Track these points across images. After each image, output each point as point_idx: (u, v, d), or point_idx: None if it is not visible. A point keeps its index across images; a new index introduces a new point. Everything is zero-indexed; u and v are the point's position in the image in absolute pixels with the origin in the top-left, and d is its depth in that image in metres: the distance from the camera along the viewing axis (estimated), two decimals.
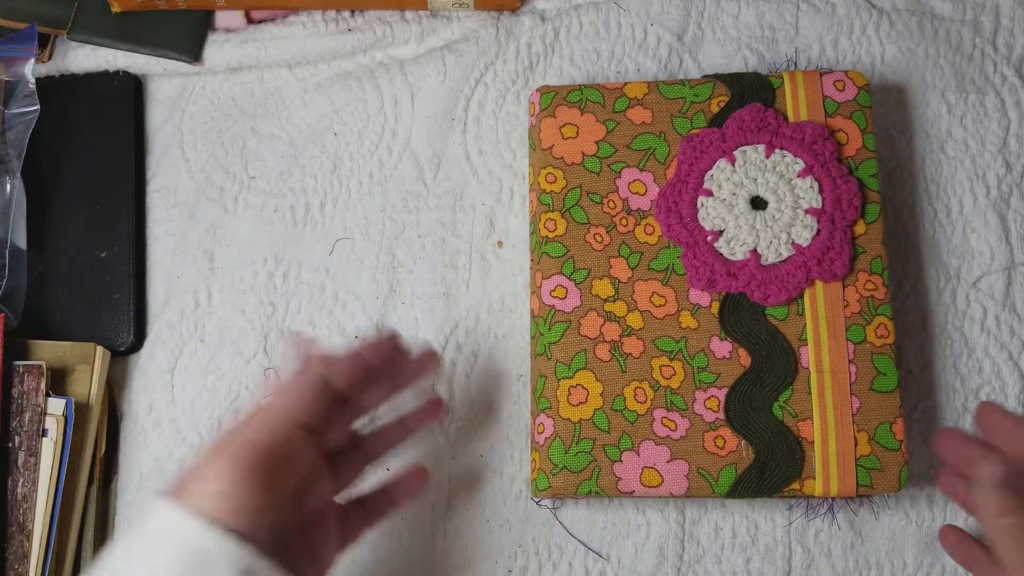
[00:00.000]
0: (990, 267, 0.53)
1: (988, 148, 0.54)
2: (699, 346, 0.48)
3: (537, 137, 0.52)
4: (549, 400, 0.48)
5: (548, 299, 0.49)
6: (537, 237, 0.51)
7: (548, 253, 0.50)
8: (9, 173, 0.54)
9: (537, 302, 0.50)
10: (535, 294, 0.50)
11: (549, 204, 0.51)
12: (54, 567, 0.49)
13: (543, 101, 0.52)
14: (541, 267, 0.50)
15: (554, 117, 0.52)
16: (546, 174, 0.51)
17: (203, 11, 0.59)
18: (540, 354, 0.49)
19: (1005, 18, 0.56)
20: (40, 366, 0.50)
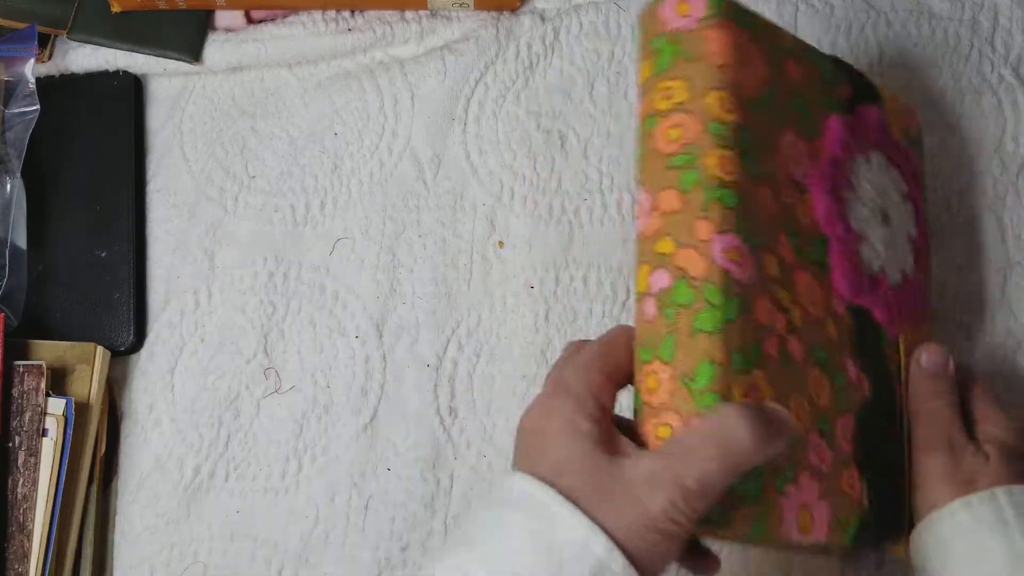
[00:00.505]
0: (987, 267, 0.53)
1: (985, 148, 0.54)
2: (838, 362, 0.40)
3: (703, 47, 0.39)
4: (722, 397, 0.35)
5: (723, 260, 0.36)
6: (701, 176, 0.37)
7: (722, 201, 0.37)
8: (9, 173, 0.54)
9: (703, 262, 0.36)
10: (695, 250, 0.36)
11: (724, 137, 0.38)
12: (54, 567, 0.49)
13: (713, 4, 0.39)
14: (712, 216, 0.36)
15: (727, 31, 0.39)
16: (721, 98, 0.38)
17: (203, 11, 0.59)
18: (707, 332, 0.35)
19: (1003, 18, 0.56)
20: (40, 366, 0.50)
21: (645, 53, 0.40)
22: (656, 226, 0.37)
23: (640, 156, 0.39)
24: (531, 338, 0.53)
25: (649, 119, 0.39)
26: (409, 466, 0.52)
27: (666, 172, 0.38)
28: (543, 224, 0.54)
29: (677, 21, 0.39)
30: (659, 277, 0.37)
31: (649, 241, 0.38)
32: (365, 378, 0.53)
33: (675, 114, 0.38)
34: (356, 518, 0.51)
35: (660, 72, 0.39)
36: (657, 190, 0.38)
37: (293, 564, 0.51)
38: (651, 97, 0.39)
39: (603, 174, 0.55)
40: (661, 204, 0.38)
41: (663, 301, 0.36)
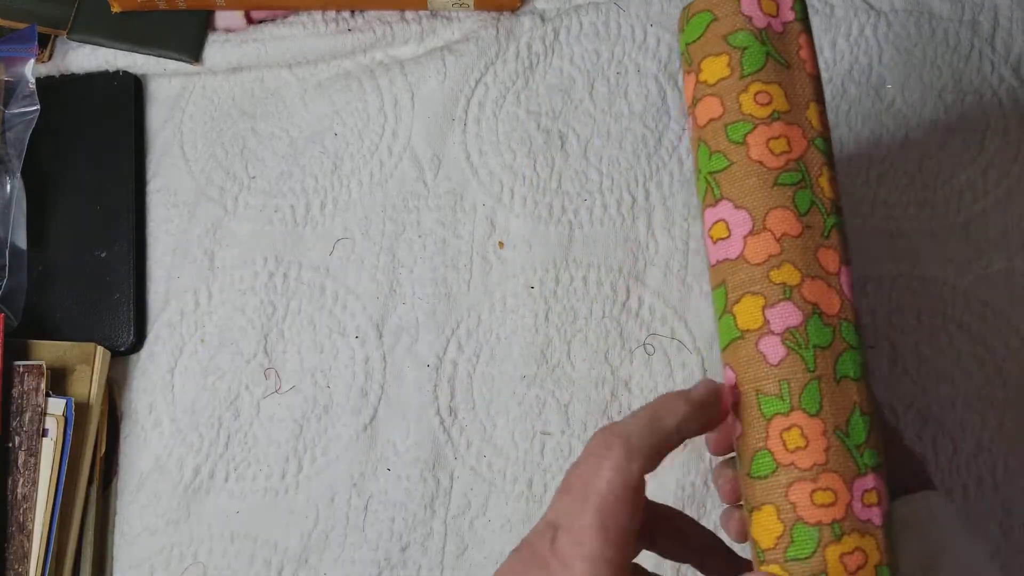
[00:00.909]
0: (987, 268, 0.53)
1: (985, 149, 0.54)
2: None
3: (794, 54, 0.36)
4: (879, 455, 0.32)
5: (850, 294, 0.33)
6: (816, 197, 0.34)
7: (839, 228, 0.34)
8: (9, 173, 0.54)
9: (835, 298, 0.33)
10: (826, 283, 0.33)
11: (828, 155, 0.35)
12: (54, 567, 0.49)
13: (799, 8, 0.36)
14: (834, 245, 0.34)
15: (810, 38, 0.37)
16: (820, 112, 0.35)
17: (203, 11, 0.59)
18: (852, 378, 0.32)
19: (1003, 18, 0.56)
20: (40, 366, 0.50)
21: (721, 47, 0.35)
22: (771, 250, 0.33)
23: (719, 167, 0.34)
24: (531, 338, 0.53)
25: (738, 125, 0.34)
26: (409, 466, 0.52)
27: (773, 189, 0.33)
28: (543, 224, 0.55)
29: (762, 19, 0.35)
30: (785, 312, 0.32)
31: (758, 268, 0.33)
32: (365, 378, 0.53)
33: (776, 124, 0.34)
34: (356, 518, 0.51)
35: (751, 73, 0.34)
36: (764, 209, 0.33)
37: (293, 564, 0.51)
38: (738, 100, 0.34)
39: (603, 174, 0.55)
40: (772, 226, 0.33)
41: (796, 341, 0.32)
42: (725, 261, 0.34)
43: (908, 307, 0.53)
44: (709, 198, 0.34)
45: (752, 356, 0.32)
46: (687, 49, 0.36)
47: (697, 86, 0.36)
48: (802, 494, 0.31)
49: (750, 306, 0.33)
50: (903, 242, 0.53)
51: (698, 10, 0.36)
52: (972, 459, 0.51)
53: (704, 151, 0.35)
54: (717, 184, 0.34)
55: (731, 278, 0.33)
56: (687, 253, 0.54)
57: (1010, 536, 0.50)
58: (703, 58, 0.36)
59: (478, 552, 0.51)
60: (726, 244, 0.34)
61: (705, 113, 0.35)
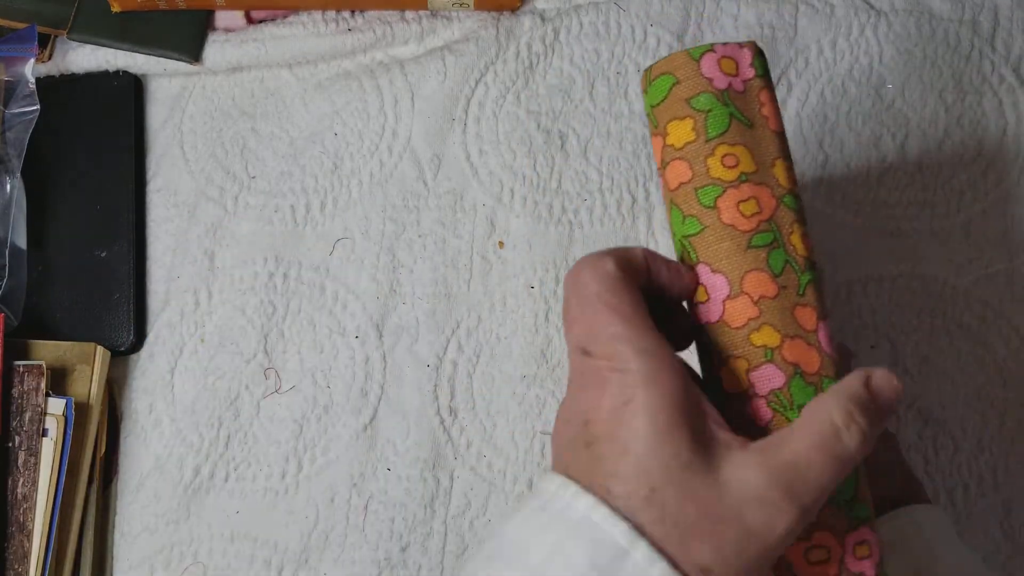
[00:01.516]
0: (987, 267, 0.53)
1: (985, 149, 0.54)
2: None
3: (756, 112, 0.36)
4: (870, 507, 0.33)
5: (831, 350, 0.34)
6: (790, 255, 0.34)
7: (814, 284, 0.35)
8: (9, 173, 0.54)
9: (816, 355, 0.34)
10: (804, 341, 0.34)
11: (798, 211, 0.35)
12: (54, 567, 0.49)
13: (758, 64, 0.37)
14: (810, 302, 0.34)
15: (772, 93, 0.37)
16: (787, 168, 0.36)
17: (203, 11, 0.59)
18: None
19: (1003, 18, 0.56)
20: (40, 366, 0.50)
21: (684, 110, 0.36)
22: (749, 314, 0.33)
23: (693, 231, 0.35)
24: (531, 338, 0.53)
25: (707, 189, 0.34)
26: (409, 466, 0.52)
27: (747, 252, 0.34)
28: (543, 224, 0.55)
29: (723, 80, 0.36)
30: (767, 374, 0.33)
31: (739, 332, 0.33)
32: (365, 378, 0.53)
33: (745, 185, 0.34)
34: (356, 518, 0.51)
35: (716, 136, 0.35)
36: (740, 272, 0.34)
37: (293, 564, 0.51)
38: (706, 164, 0.35)
39: (603, 174, 0.55)
40: (749, 289, 0.33)
41: (780, 403, 0.33)
42: (708, 324, 0.34)
43: (908, 307, 0.53)
44: (686, 261, 0.35)
45: (741, 418, 0.33)
46: (652, 112, 0.37)
47: (664, 149, 0.36)
48: (797, 554, 0.32)
49: (735, 369, 0.33)
50: (903, 242, 0.53)
51: (660, 73, 0.36)
52: (973, 459, 0.51)
53: (677, 214, 0.35)
54: (693, 248, 0.35)
55: (714, 341, 0.34)
56: None
57: (1011, 536, 0.50)
58: (668, 121, 0.36)
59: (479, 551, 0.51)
60: (706, 308, 0.34)
61: (675, 177, 0.35)
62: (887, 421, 0.30)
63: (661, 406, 0.29)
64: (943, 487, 0.50)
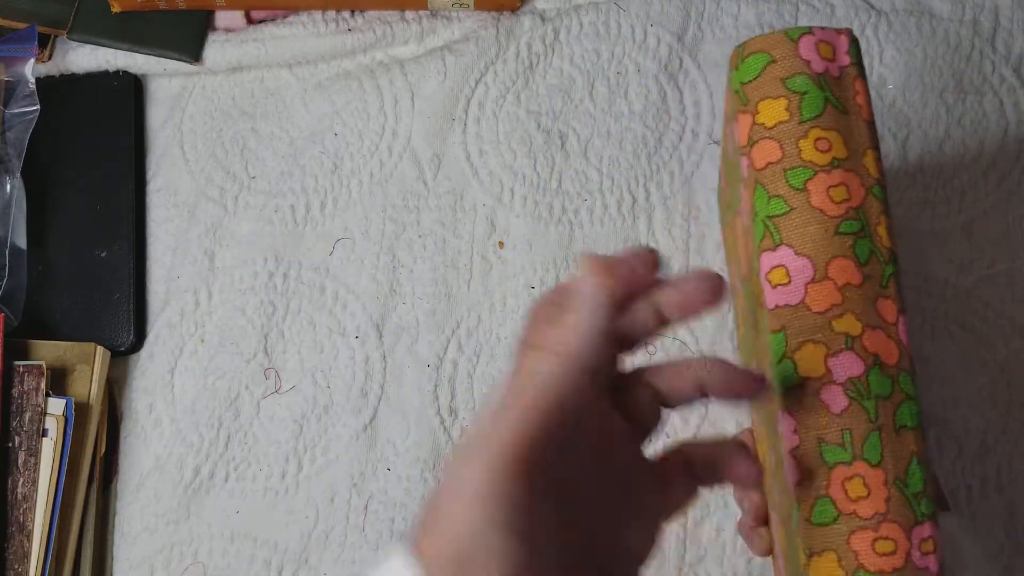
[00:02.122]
0: (989, 268, 0.53)
1: (986, 149, 0.54)
2: None
3: (851, 99, 0.36)
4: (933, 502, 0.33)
5: (907, 344, 0.34)
6: (876, 246, 0.34)
7: (896, 277, 0.34)
8: (9, 173, 0.54)
9: (896, 348, 0.33)
10: (885, 333, 0.33)
11: (885, 202, 0.35)
12: (54, 567, 0.49)
13: (854, 52, 0.37)
14: (892, 295, 0.34)
15: (865, 83, 0.37)
16: (876, 159, 0.35)
17: (203, 11, 0.59)
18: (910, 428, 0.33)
19: (1004, 18, 0.56)
20: (40, 366, 0.50)
21: (779, 90, 0.35)
22: (833, 299, 0.33)
23: (779, 212, 0.34)
24: None
25: (798, 171, 0.34)
26: (409, 466, 0.52)
27: (835, 238, 0.33)
28: (543, 224, 0.54)
29: (820, 63, 0.35)
30: (847, 362, 0.32)
31: (821, 317, 0.33)
32: (365, 378, 0.53)
33: (836, 171, 0.34)
34: (356, 518, 0.51)
35: (810, 118, 0.35)
36: (826, 257, 0.33)
37: (293, 564, 0.51)
38: (798, 145, 0.34)
39: (603, 174, 0.55)
40: (834, 275, 0.33)
41: (858, 391, 0.32)
42: (785, 307, 0.34)
43: (910, 307, 0.52)
44: (768, 242, 0.34)
45: (814, 404, 0.33)
46: (742, 88, 0.36)
47: (754, 128, 0.36)
48: (864, 543, 0.31)
49: (812, 354, 0.33)
50: (905, 242, 0.53)
51: (754, 50, 0.36)
52: (977, 460, 0.50)
53: (762, 194, 0.35)
54: (777, 229, 0.34)
55: (792, 324, 0.33)
56: (687, 253, 0.54)
57: (1014, 537, 0.50)
58: (760, 99, 0.36)
59: None
60: (786, 290, 0.34)
61: (763, 156, 0.35)
62: None
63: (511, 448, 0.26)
64: (947, 488, 0.50)
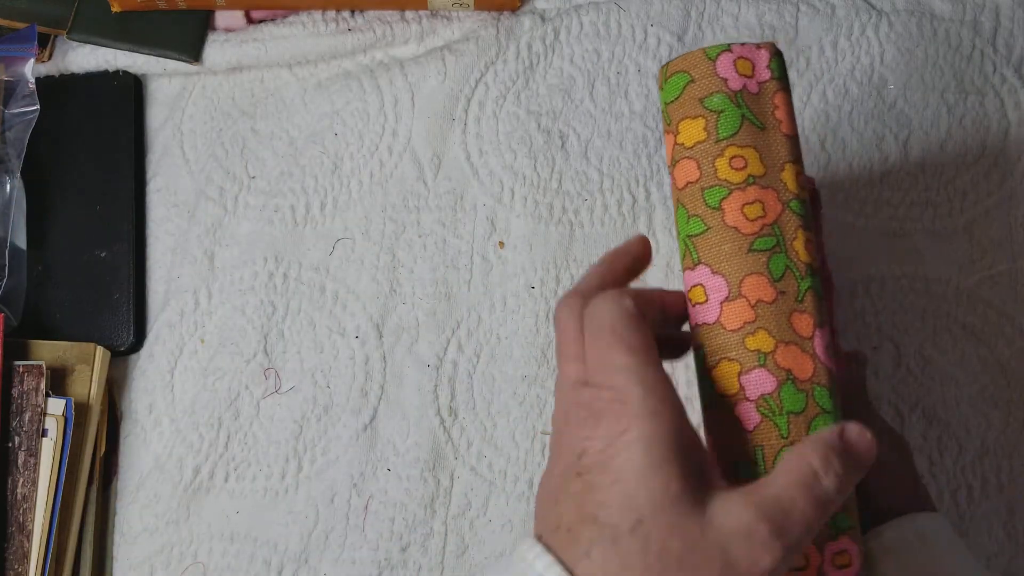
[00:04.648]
0: (990, 268, 0.53)
1: (987, 149, 0.54)
2: None
3: (770, 115, 0.36)
4: (850, 515, 0.33)
5: (826, 359, 0.34)
6: (792, 260, 0.34)
7: (814, 290, 0.35)
8: (9, 173, 0.54)
9: (811, 362, 0.34)
10: (799, 348, 0.34)
11: (804, 216, 0.35)
12: (54, 567, 0.49)
13: (775, 66, 0.37)
14: (808, 309, 0.34)
15: (788, 96, 0.37)
16: (797, 173, 0.36)
17: (203, 11, 0.59)
18: None
19: (1005, 19, 0.56)
20: (40, 366, 0.50)
21: (697, 110, 0.35)
22: (745, 317, 0.33)
23: (696, 231, 0.35)
24: (531, 338, 0.53)
25: (714, 190, 0.35)
26: (409, 466, 0.52)
27: (748, 256, 0.34)
28: (543, 224, 0.54)
29: (737, 80, 0.35)
30: (758, 379, 0.33)
31: (734, 335, 0.33)
32: (365, 378, 0.53)
33: (751, 188, 0.34)
34: (356, 518, 0.51)
35: (726, 137, 0.35)
36: (740, 275, 0.34)
37: (293, 565, 0.51)
38: (714, 165, 0.35)
39: (603, 174, 0.55)
40: (747, 292, 0.33)
41: (770, 408, 0.33)
42: (703, 325, 0.34)
43: (911, 307, 0.52)
44: (688, 261, 0.35)
45: (729, 422, 0.33)
46: (666, 108, 0.37)
47: (675, 147, 0.36)
48: None
49: (726, 372, 0.33)
50: (906, 242, 0.53)
51: (676, 70, 0.36)
52: (977, 460, 0.50)
53: (683, 213, 0.35)
54: (695, 248, 0.35)
55: (708, 343, 0.34)
56: None
57: (1014, 538, 0.50)
58: (681, 119, 0.36)
59: (478, 552, 0.50)
60: (704, 309, 0.34)
61: (683, 176, 0.35)
62: (863, 471, 0.31)
63: (657, 439, 0.29)
64: (947, 489, 0.50)
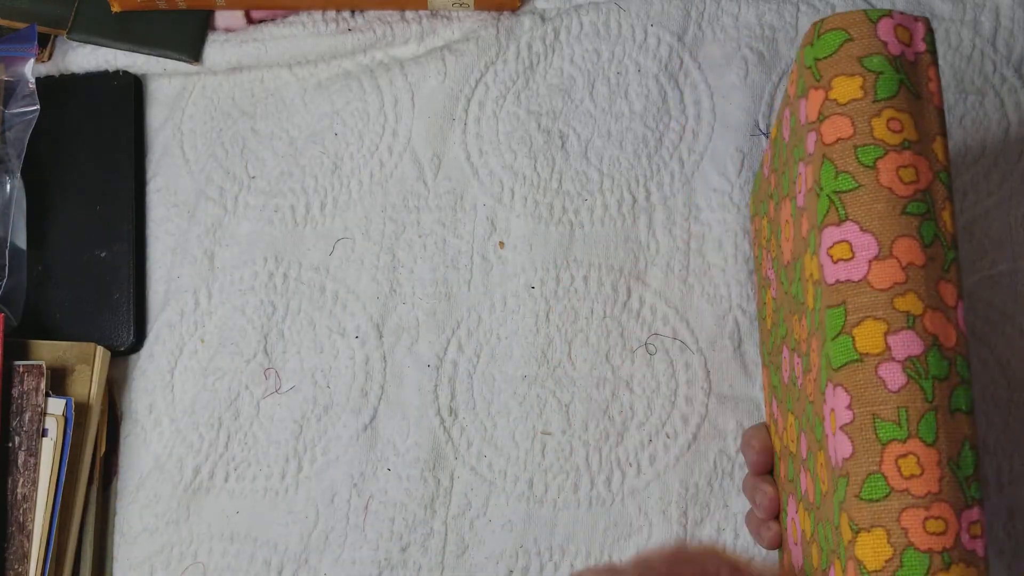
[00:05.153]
0: (990, 269, 0.53)
1: (987, 149, 0.54)
2: None
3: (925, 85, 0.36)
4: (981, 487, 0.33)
5: (965, 331, 0.34)
6: (940, 230, 0.34)
7: (957, 263, 0.35)
8: (9, 173, 0.54)
9: (954, 332, 0.33)
10: (945, 315, 0.33)
11: (949, 190, 0.35)
12: (54, 567, 0.49)
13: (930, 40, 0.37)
14: (953, 280, 0.34)
15: (937, 71, 0.36)
16: (944, 146, 0.36)
17: (203, 11, 0.59)
18: (964, 412, 0.33)
19: (1005, 18, 0.56)
20: (40, 366, 0.50)
21: (855, 67, 0.35)
22: (896, 278, 0.33)
23: (846, 188, 0.35)
24: (532, 339, 0.53)
25: (869, 148, 0.35)
26: (409, 466, 0.52)
27: (901, 217, 0.34)
28: (543, 224, 0.54)
29: (897, 46, 0.35)
30: (907, 340, 0.33)
31: (883, 294, 0.33)
32: (365, 378, 0.53)
33: (907, 152, 0.34)
34: (356, 518, 0.51)
35: (884, 98, 0.35)
36: (892, 236, 0.34)
37: (293, 565, 0.51)
38: (870, 123, 0.35)
39: (604, 174, 0.55)
40: (899, 253, 0.33)
41: (917, 370, 0.33)
42: (847, 282, 0.34)
43: None
44: (832, 217, 0.35)
45: (870, 380, 0.33)
46: (815, 64, 0.37)
47: (825, 103, 0.36)
48: (915, 520, 0.32)
49: (872, 330, 0.33)
50: None
51: (831, 27, 0.36)
52: None
53: (829, 169, 0.35)
54: (843, 204, 0.34)
55: (852, 300, 0.34)
56: (688, 253, 0.54)
57: (1014, 538, 0.50)
58: (835, 76, 0.36)
59: (479, 552, 0.51)
60: (848, 265, 0.34)
61: (833, 131, 0.35)
62: None
63: None
64: None
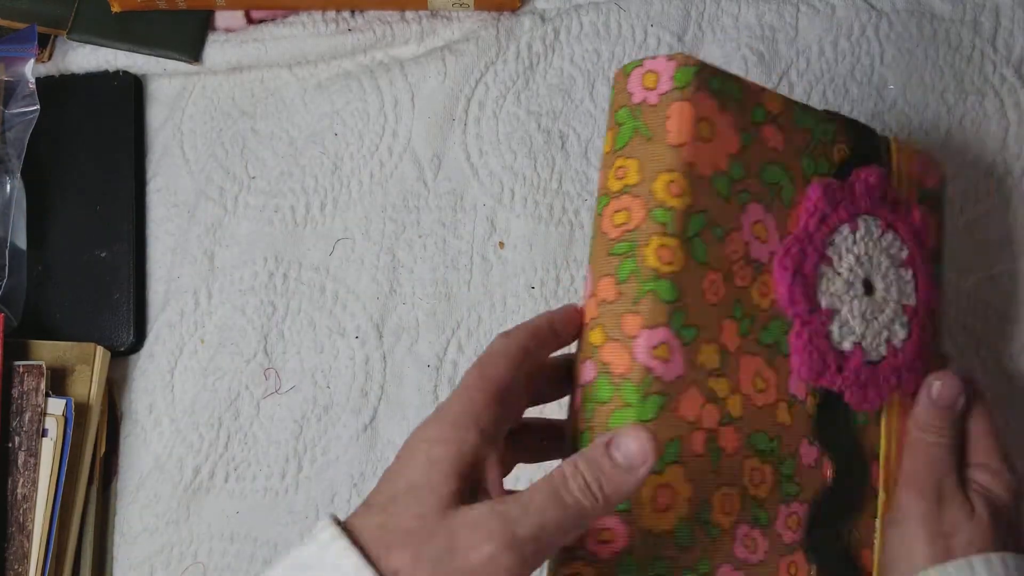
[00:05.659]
0: (990, 269, 0.53)
1: (988, 149, 0.54)
2: (790, 449, 0.39)
3: (661, 125, 0.37)
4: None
5: (646, 358, 0.35)
6: (638, 265, 0.36)
7: (657, 294, 0.35)
8: (9, 173, 0.54)
9: (626, 359, 0.35)
10: (620, 344, 0.35)
11: (667, 224, 0.36)
12: (54, 567, 0.49)
13: (680, 77, 0.37)
14: (641, 311, 0.35)
15: (691, 103, 0.37)
16: (670, 182, 0.36)
17: (203, 11, 0.59)
18: None
19: (1005, 19, 0.56)
20: (40, 366, 0.50)
21: (609, 124, 0.39)
22: (592, 314, 0.37)
23: (591, 237, 0.38)
24: None
25: (601, 198, 0.38)
26: None
27: (607, 259, 0.37)
28: (543, 224, 0.54)
29: (640, 94, 0.37)
30: (587, 370, 0.36)
31: (586, 328, 0.37)
32: (365, 378, 0.53)
33: (624, 197, 0.37)
34: None
35: (618, 149, 0.38)
36: (598, 276, 0.37)
37: None
38: (606, 175, 0.38)
39: None
40: (599, 292, 0.37)
41: (586, 395, 0.36)
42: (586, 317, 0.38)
43: None
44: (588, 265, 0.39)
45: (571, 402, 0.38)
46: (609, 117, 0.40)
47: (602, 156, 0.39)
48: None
49: (578, 362, 0.37)
50: None
51: (613, 82, 0.39)
52: None
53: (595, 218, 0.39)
54: (589, 252, 0.38)
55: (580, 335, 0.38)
56: None
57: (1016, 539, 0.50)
58: (606, 131, 0.39)
59: None
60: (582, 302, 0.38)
61: (597, 187, 0.39)
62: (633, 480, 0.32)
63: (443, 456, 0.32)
64: None
